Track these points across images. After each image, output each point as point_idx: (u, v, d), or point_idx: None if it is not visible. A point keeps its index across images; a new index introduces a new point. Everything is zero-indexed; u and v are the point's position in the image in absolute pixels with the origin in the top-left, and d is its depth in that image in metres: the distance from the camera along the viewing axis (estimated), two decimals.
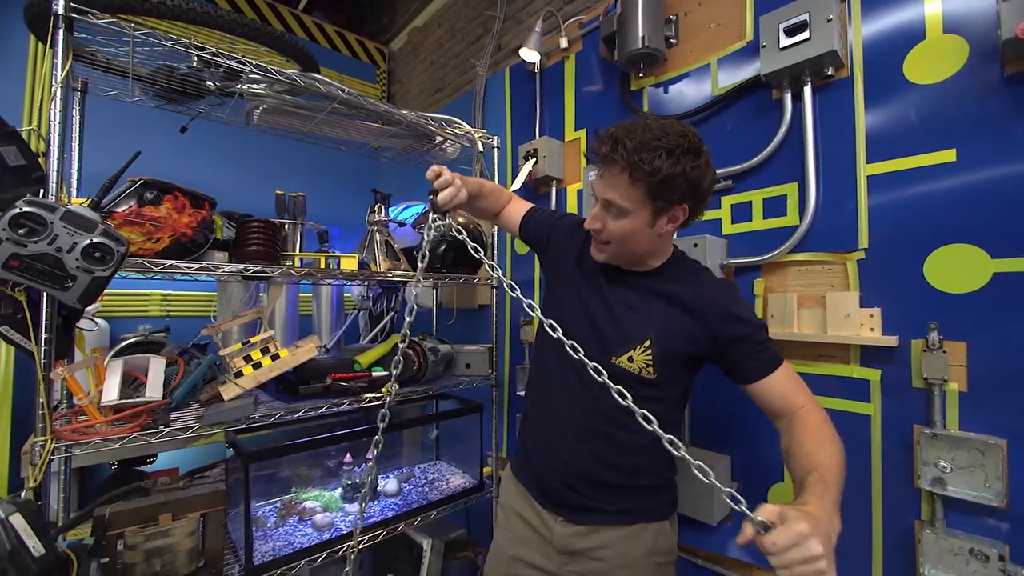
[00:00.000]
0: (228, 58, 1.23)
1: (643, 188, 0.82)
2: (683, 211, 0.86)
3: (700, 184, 0.84)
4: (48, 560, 0.86)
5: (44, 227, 0.90)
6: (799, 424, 0.82)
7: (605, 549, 0.94)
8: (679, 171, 0.80)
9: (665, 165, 0.79)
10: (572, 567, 0.97)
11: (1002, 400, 0.93)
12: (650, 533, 0.95)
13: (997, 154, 0.94)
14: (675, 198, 0.83)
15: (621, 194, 0.84)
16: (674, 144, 0.80)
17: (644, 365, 0.91)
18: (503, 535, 1.09)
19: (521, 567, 1.02)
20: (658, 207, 0.84)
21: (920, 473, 1.00)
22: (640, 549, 0.94)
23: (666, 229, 0.88)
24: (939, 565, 0.98)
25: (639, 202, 0.83)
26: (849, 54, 1.13)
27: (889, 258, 1.06)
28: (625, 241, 0.89)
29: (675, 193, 0.82)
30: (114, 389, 1.09)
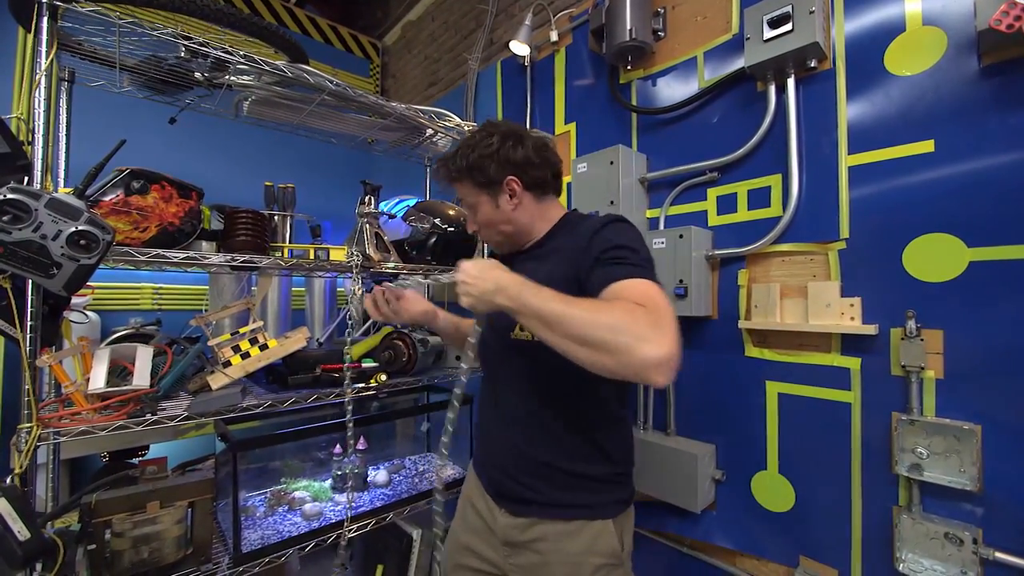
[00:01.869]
0: (216, 48, 1.23)
1: (469, 183, 0.96)
2: (515, 182, 0.94)
3: (510, 156, 0.93)
4: (34, 544, 0.87)
5: (28, 214, 0.90)
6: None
7: (542, 542, 0.91)
8: (480, 157, 0.93)
9: (469, 159, 0.94)
10: (514, 559, 0.95)
11: (977, 387, 0.95)
12: (590, 532, 0.89)
13: (973, 144, 0.96)
14: (495, 177, 0.93)
15: (463, 194, 0.99)
16: (474, 140, 0.95)
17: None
18: (458, 523, 1.10)
19: (469, 556, 1.03)
20: (489, 190, 0.95)
21: (898, 459, 1.01)
22: (577, 546, 0.89)
23: (512, 203, 0.95)
24: (916, 549, 1.00)
25: (475, 194, 0.96)
26: (832, 46, 1.14)
27: (869, 248, 1.08)
28: (490, 227, 0.99)
29: (492, 173, 0.93)
30: (101, 377, 1.10)
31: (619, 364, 0.65)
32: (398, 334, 1.65)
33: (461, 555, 1.04)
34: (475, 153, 0.93)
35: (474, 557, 1.02)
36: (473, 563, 1.02)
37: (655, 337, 0.64)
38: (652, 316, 0.67)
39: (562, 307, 0.69)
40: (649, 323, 0.65)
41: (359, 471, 1.61)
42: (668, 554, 1.40)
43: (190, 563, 1.18)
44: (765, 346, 1.24)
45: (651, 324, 0.65)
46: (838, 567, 1.11)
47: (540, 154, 0.95)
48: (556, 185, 1.00)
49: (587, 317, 0.67)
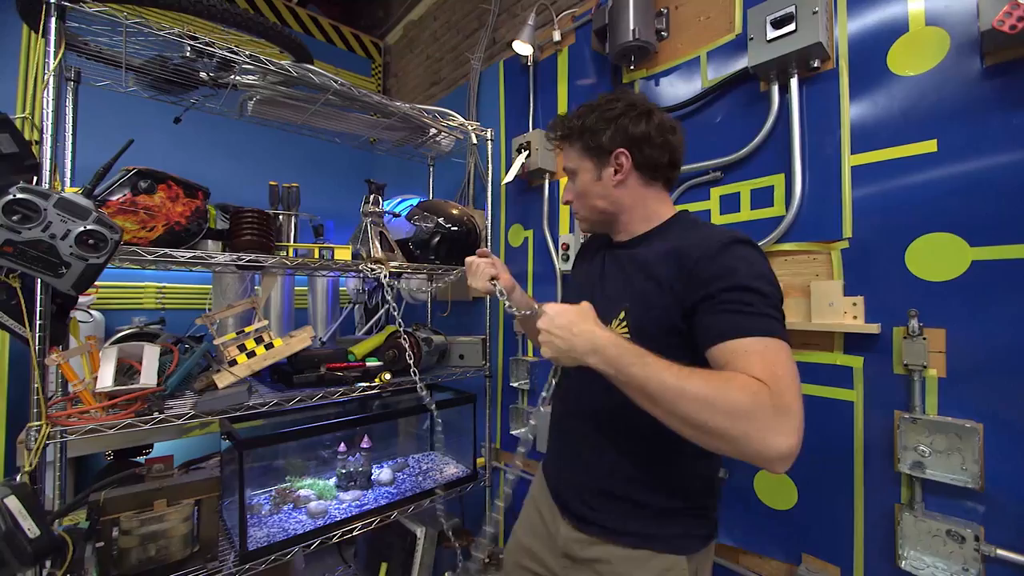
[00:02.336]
0: (221, 48, 1.24)
1: (578, 145, 0.91)
2: (624, 156, 0.88)
3: (629, 128, 0.87)
4: (44, 542, 0.88)
5: (38, 214, 0.91)
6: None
7: (604, 565, 0.85)
8: (601, 123, 0.88)
9: (588, 120, 0.89)
10: (572, 573, 0.90)
11: (979, 385, 0.95)
12: (659, 564, 0.82)
13: (976, 144, 0.96)
14: (607, 146, 0.88)
15: (568, 158, 0.95)
16: (598, 103, 0.90)
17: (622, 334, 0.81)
18: (521, 524, 1.07)
19: (528, 559, 1.00)
20: (597, 158, 0.90)
21: (900, 457, 1.02)
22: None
23: (616, 179, 0.89)
24: (918, 547, 1.00)
25: (579, 158, 0.92)
26: (835, 46, 1.15)
27: (872, 247, 1.08)
28: (584, 198, 0.94)
29: (605, 140, 0.88)
30: (109, 376, 1.10)
31: (737, 452, 0.59)
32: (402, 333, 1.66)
33: (521, 556, 1.02)
34: (594, 115, 0.89)
35: (533, 560, 0.99)
36: (532, 566, 0.99)
37: (780, 427, 0.58)
38: (778, 399, 0.59)
39: (673, 382, 0.62)
40: (775, 409, 0.58)
41: (363, 469, 1.62)
42: None
43: (196, 561, 1.20)
44: None
45: (777, 410, 0.58)
46: (840, 564, 1.11)
47: (663, 135, 0.88)
48: (670, 174, 0.92)
49: (702, 398, 0.60)
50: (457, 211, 1.78)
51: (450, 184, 2.36)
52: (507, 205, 2.09)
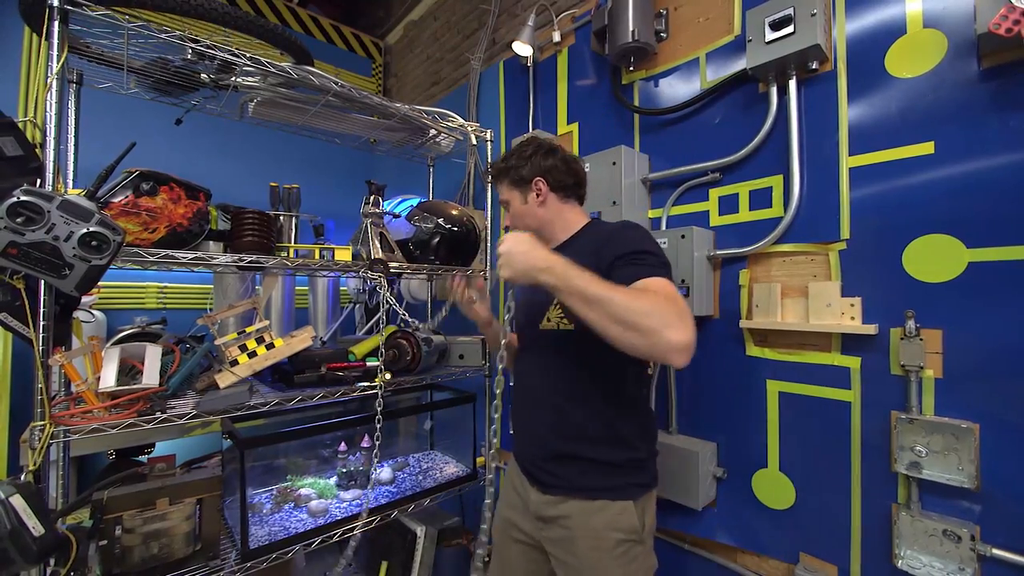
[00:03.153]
0: (222, 50, 1.25)
1: (506, 181, 1.12)
2: (541, 183, 1.09)
3: (541, 162, 1.09)
4: (48, 540, 0.89)
5: (41, 216, 0.92)
6: None
7: (569, 519, 1.00)
8: (520, 160, 1.10)
9: (511, 162, 1.11)
10: (545, 532, 1.05)
11: (975, 386, 0.96)
12: (612, 510, 0.98)
13: (973, 146, 0.97)
14: (526, 177, 1.09)
15: (501, 192, 1.15)
16: (516, 149, 1.13)
17: (559, 319, 1.03)
18: (501, 500, 1.22)
19: (511, 528, 1.15)
20: (520, 188, 1.11)
21: (897, 457, 1.03)
22: (600, 522, 0.98)
23: (537, 200, 1.10)
24: (914, 546, 1.01)
25: (509, 190, 1.13)
26: (833, 48, 1.15)
27: (869, 248, 1.09)
28: (518, 220, 1.13)
29: (524, 173, 1.09)
30: (111, 376, 1.11)
31: (648, 344, 0.75)
32: (402, 333, 1.67)
33: (506, 527, 1.16)
34: (513, 157, 1.12)
35: (515, 529, 1.13)
36: (515, 534, 1.13)
37: (679, 325, 0.75)
38: (676, 307, 0.77)
39: (604, 290, 0.78)
40: (675, 313, 0.76)
41: (363, 468, 1.62)
42: (669, 551, 1.41)
43: (198, 559, 1.20)
44: (766, 345, 1.25)
45: (676, 314, 0.76)
46: (838, 564, 1.12)
47: (566, 164, 1.11)
48: (579, 193, 1.14)
49: (625, 301, 0.77)
50: (457, 211, 1.79)
51: (450, 184, 2.36)
52: None
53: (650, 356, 0.80)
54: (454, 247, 1.75)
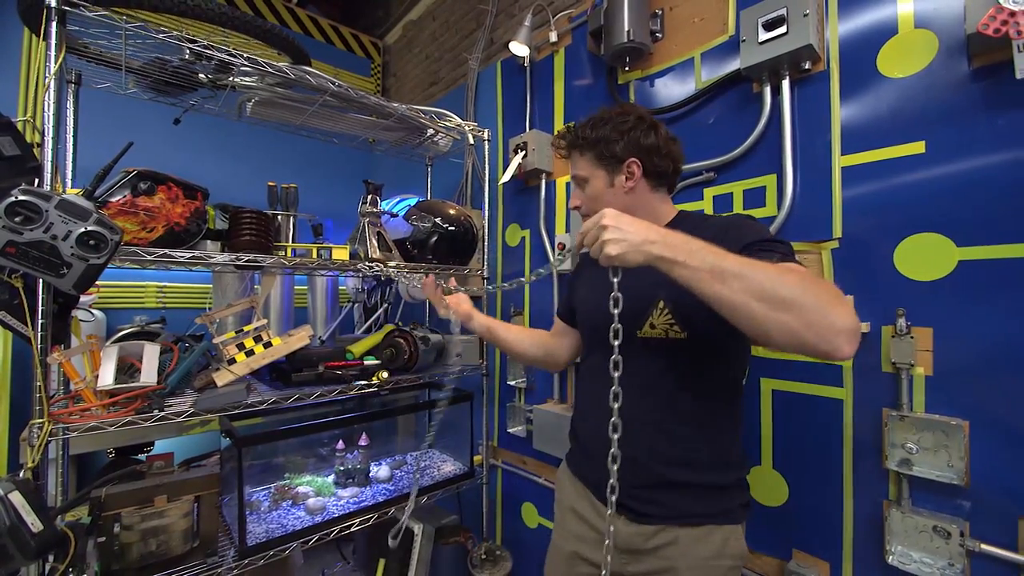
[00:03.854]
0: (219, 51, 1.26)
1: (591, 155, 0.97)
2: (635, 165, 0.95)
3: (641, 140, 0.94)
4: (46, 536, 0.90)
5: (39, 215, 0.93)
6: None
7: (670, 547, 0.88)
8: (615, 133, 0.94)
9: (602, 132, 0.95)
10: (636, 567, 0.92)
11: (965, 383, 0.97)
12: (720, 535, 0.88)
13: (963, 146, 0.97)
14: (620, 155, 0.94)
15: (579, 167, 1.00)
16: (609, 116, 0.96)
17: (668, 326, 0.88)
18: (560, 533, 1.07)
19: (580, 564, 1.00)
20: (609, 166, 0.96)
21: (888, 454, 1.03)
22: (708, 551, 0.87)
23: (627, 185, 0.96)
24: (905, 542, 1.02)
25: (592, 167, 0.98)
26: (826, 48, 1.16)
27: (861, 247, 1.10)
28: (596, 203, 0.97)
29: (617, 151, 0.94)
30: (109, 374, 1.12)
31: (804, 324, 0.61)
32: (400, 332, 1.68)
33: (572, 565, 1.01)
34: (607, 127, 0.95)
35: (585, 564, 0.99)
36: (585, 570, 0.99)
37: (842, 303, 0.63)
38: (834, 288, 0.66)
39: (743, 262, 0.65)
40: (834, 291, 0.65)
41: (361, 467, 1.64)
42: None
43: (197, 556, 1.22)
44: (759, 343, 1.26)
45: (836, 293, 0.65)
46: (829, 560, 1.13)
47: (668, 146, 0.96)
48: (674, 181, 1.01)
49: (772, 273, 0.64)
50: (454, 211, 1.79)
51: (448, 184, 2.37)
52: (504, 205, 2.11)
53: (803, 344, 0.62)
54: (452, 246, 1.76)
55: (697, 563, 0.87)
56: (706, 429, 0.90)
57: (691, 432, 0.89)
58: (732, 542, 0.89)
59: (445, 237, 1.74)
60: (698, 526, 0.88)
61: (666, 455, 0.90)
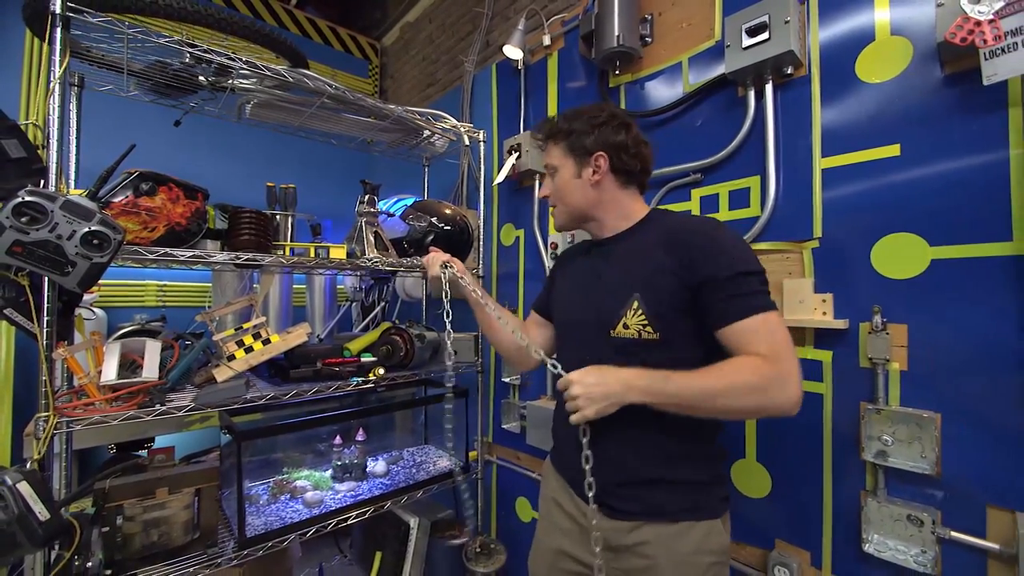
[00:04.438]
0: (218, 55, 1.29)
1: (563, 145, 1.01)
2: (602, 159, 0.97)
3: (610, 136, 0.97)
4: (53, 525, 0.93)
5: (45, 215, 0.96)
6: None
7: (649, 545, 0.89)
8: (587, 127, 0.98)
9: (575, 124, 0.99)
10: (616, 563, 0.92)
11: (938, 377, 1.00)
12: (699, 531, 0.89)
13: (936, 149, 1.01)
14: (589, 148, 0.97)
15: (551, 155, 1.04)
16: (585, 111, 1.00)
17: (641, 326, 0.89)
18: (544, 527, 1.09)
19: (565, 560, 1.01)
20: (578, 158, 0.99)
21: (865, 446, 1.07)
22: (688, 546, 0.88)
23: (593, 178, 0.98)
24: (881, 531, 1.06)
25: (562, 157, 1.01)
26: (807, 54, 1.20)
27: (840, 246, 1.14)
28: (563, 195, 1.02)
29: (587, 143, 0.97)
30: (112, 370, 1.16)
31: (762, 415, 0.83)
32: (396, 329, 1.71)
33: (555, 559, 1.03)
34: (580, 120, 0.99)
35: (570, 561, 1.00)
36: (569, 566, 1.00)
37: (786, 387, 0.77)
38: (778, 367, 0.77)
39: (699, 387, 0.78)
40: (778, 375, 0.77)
41: (358, 461, 1.67)
42: None
43: (197, 546, 1.25)
44: None
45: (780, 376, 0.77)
46: (810, 549, 1.17)
47: (636, 146, 0.99)
48: (641, 180, 1.03)
49: (726, 391, 0.77)
50: (450, 211, 1.83)
51: (445, 184, 2.41)
52: (500, 205, 2.14)
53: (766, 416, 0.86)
54: (447, 245, 1.79)
55: (678, 559, 0.88)
56: (680, 427, 0.89)
57: (663, 430, 0.90)
58: (713, 537, 0.90)
59: (441, 236, 1.77)
60: (675, 522, 0.89)
61: (639, 453, 0.92)
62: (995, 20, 0.85)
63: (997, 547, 0.92)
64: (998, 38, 0.85)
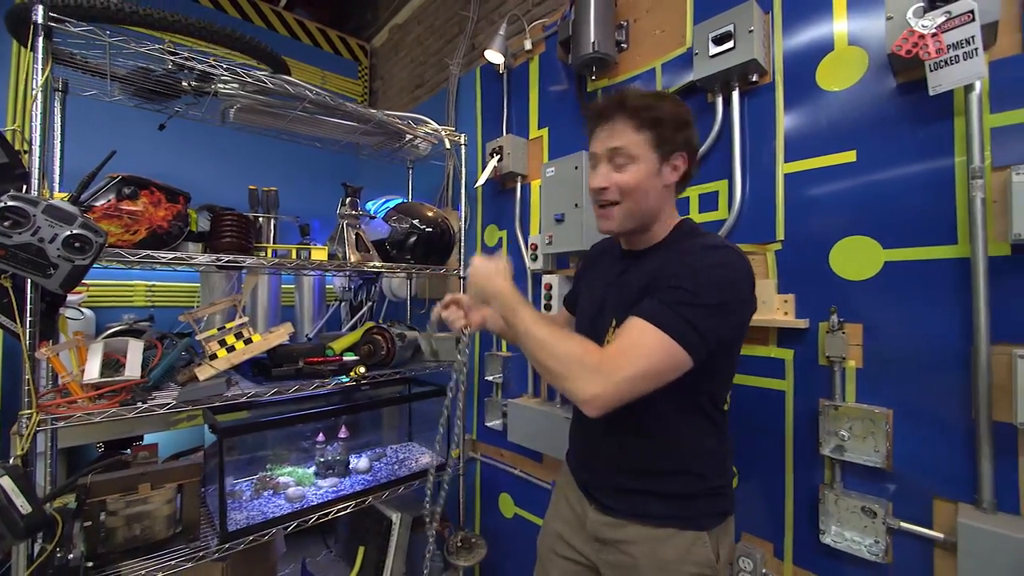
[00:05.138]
0: (200, 61, 1.32)
1: (648, 134, 0.86)
2: (683, 160, 0.89)
3: (693, 138, 0.90)
4: (35, 518, 0.97)
5: (27, 220, 0.99)
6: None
7: (632, 545, 0.90)
8: (680, 116, 0.87)
9: (668, 109, 0.86)
10: (604, 555, 0.96)
11: (890, 374, 1.05)
12: (683, 540, 0.88)
13: (889, 155, 1.05)
14: (678, 142, 0.87)
15: (628, 140, 0.86)
16: (664, 101, 0.88)
17: None
18: (551, 511, 1.14)
19: (561, 545, 1.06)
20: (663, 151, 0.87)
21: (823, 441, 1.11)
22: (670, 554, 0.88)
23: (670, 180, 0.89)
24: (838, 523, 1.10)
25: (646, 147, 0.86)
26: (772, 62, 1.24)
27: (801, 249, 1.18)
28: (634, 193, 0.87)
29: (678, 137, 0.87)
30: (95, 368, 1.19)
31: (561, 389, 0.77)
32: (378, 329, 1.75)
33: (554, 542, 1.08)
34: (669, 110, 0.86)
35: (566, 546, 1.05)
36: (565, 551, 1.05)
37: (592, 380, 0.73)
38: (601, 363, 0.73)
39: (527, 326, 0.79)
40: (594, 368, 0.73)
41: (341, 458, 1.70)
42: None
43: (179, 540, 1.28)
44: None
45: (595, 369, 0.73)
46: (773, 541, 1.21)
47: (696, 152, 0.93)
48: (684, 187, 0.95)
49: (543, 342, 0.78)
50: (432, 213, 1.86)
51: (430, 186, 2.44)
52: (483, 206, 2.17)
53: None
54: (428, 247, 1.83)
55: (659, 564, 0.88)
56: (667, 444, 0.90)
57: (650, 447, 0.91)
58: (697, 549, 0.88)
59: (422, 238, 1.81)
60: (660, 527, 0.89)
61: (625, 467, 0.94)
62: (938, 34, 0.89)
63: (942, 536, 0.96)
64: (940, 51, 0.89)
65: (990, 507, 0.90)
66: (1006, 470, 0.90)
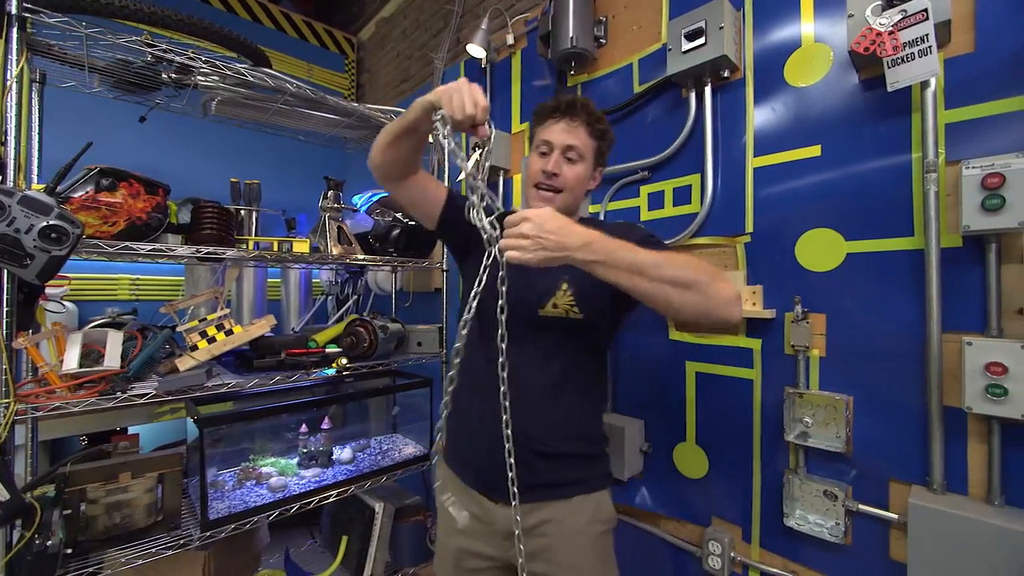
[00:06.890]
0: (178, 53, 1.32)
1: (596, 141, 1.02)
2: (600, 174, 1.08)
3: (607, 154, 1.07)
4: (13, 504, 0.98)
5: (3, 210, 0.99)
6: None
7: (548, 524, 0.93)
8: (612, 140, 1.07)
9: (610, 130, 1.05)
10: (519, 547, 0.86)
11: (851, 362, 1.08)
12: (591, 503, 0.95)
13: (852, 150, 1.08)
14: (604, 160, 1.07)
15: (583, 141, 1.01)
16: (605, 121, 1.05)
17: (569, 307, 0.95)
18: (443, 533, 1.05)
19: (469, 558, 0.99)
20: (597, 161, 1.05)
21: (788, 428, 1.15)
22: (582, 520, 0.94)
23: (591, 186, 1.07)
24: (802, 506, 1.14)
25: (591, 152, 1.02)
26: (743, 58, 1.26)
27: (768, 241, 1.21)
28: (576, 188, 1.02)
29: (606, 155, 1.07)
30: (74, 359, 1.20)
31: (704, 298, 0.77)
32: (360, 321, 1.76)
33: (460, 560, 1.00)
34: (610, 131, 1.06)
35: (473, 557, 0.99)
36: (473, 563, 0.99)
37: (726, 280, 0.81)
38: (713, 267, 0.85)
39: (655, 256, 0.77)
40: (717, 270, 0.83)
41: (324, 449, 1.72)
42: None
43: (160, 529, 1.30)
44: (685, 330, 1.37)
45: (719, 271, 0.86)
46: (741, 525, 1.25)
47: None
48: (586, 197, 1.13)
49: (675, 260, 0.78)
50: None
51: None
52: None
53: (705, 313, 0.79)
54: (411, 240, 1.84)
55: (573, 532, 0.93)
56: (581, 402, 0.99)
57: (569, 405, 0.97)
58: (602, 506, 0.98)
59: (405, 231, 1.82)
60: (569, 498, 0.94)
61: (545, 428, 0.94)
62: (894, 32, 0.92)
63: (896, 517, 1.00)
64: (896, 48, 0.92)
65: (940, 488, 0.94)
66: (955, 452, 0.94)
